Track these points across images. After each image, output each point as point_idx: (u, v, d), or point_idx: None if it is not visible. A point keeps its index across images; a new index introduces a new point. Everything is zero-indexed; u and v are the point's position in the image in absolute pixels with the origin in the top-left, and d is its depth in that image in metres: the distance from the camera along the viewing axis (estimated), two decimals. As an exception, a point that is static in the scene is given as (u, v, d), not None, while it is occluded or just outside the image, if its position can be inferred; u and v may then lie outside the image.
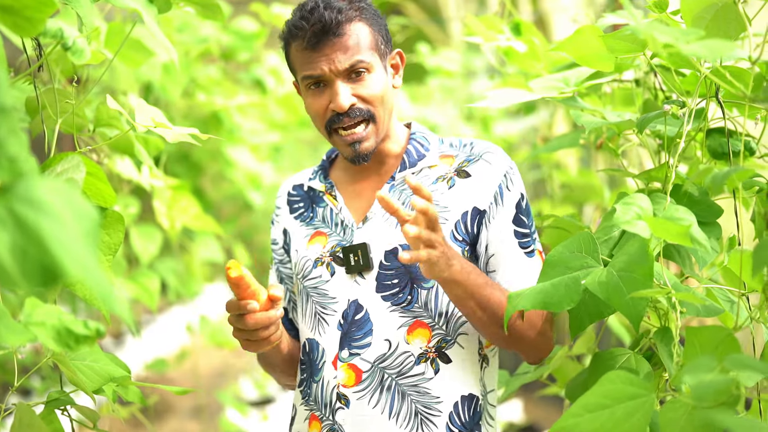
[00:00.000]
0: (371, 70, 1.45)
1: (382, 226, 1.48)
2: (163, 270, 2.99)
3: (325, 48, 1.42)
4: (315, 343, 1.51)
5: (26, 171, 0.72)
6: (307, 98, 1.48)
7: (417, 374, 1.44)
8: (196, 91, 2.99)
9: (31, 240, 0.69)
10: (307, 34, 1.42)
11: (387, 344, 1.45)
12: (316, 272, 1.52)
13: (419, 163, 1.52)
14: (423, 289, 1.45)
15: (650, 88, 1.71)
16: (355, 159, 1.47)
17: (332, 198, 1.55)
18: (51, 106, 1.36)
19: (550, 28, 3.69)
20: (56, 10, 0.96)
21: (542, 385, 2.04)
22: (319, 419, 1.49)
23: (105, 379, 1.31)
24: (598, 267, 1.25)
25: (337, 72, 1.42)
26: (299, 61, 1.46)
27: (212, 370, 5.06)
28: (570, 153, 2.98)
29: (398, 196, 1.50)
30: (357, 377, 1.45)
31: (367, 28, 1.45)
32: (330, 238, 1.53)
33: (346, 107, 1.43)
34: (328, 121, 1.46)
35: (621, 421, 1.05)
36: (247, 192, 3.49)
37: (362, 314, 1.46)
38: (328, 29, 1.41)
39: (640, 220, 1.15)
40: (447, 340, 1.45)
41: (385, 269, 1.46)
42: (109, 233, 1.29)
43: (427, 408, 1.44)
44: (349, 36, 1.42)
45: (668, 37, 1.03)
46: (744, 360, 1.02)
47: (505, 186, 1.47)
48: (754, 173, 1.25)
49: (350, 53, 1.42)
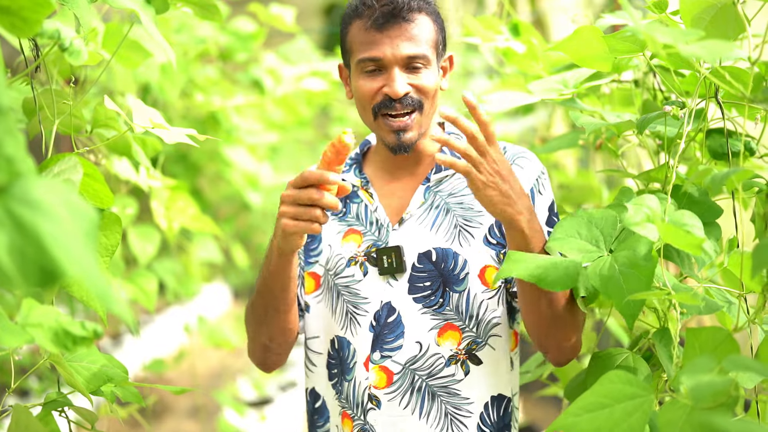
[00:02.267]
0: (428, 66, 1.43)
1: (417, 229, 1.48)
2: (161, 270, 2.99)
3: (392, 31, 1.40)
4: (346, 342, 1.51)
5: (24, 172, 0.72)
6: (359, 80, 1.44)
7: (447, 375, 1.45)
8: (193, 92, 2.99)
9: (29, 241, 0.68)
10: (375, 13, 1.40)
11: (418, 346, 1.45)
12: (349, 271, 1.51)
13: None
14: (455, 293, 1.45)
15: (649, 88, 1.71)
16: (397, 147, 1.46)
17: (368, 195, 1.54)
18: (48, 107, 1.35)
19: (549, 29, 3.69)
20: (53, 11, 0.96)
21: (541, 385, 2.04)
22: (350, 418, 1.49)
23: (102, 381, 1.30)
24: (603, 252, 1.25)
25: (398, 58, 1.40)
26: (359, 42, 1.43)
27: (210, 371, 5.06)
28: (568, 153, 2.98)
29: (433, 198, 1.50)
30: (388, 379, 1.46)
31: (432, 24, 1.44)
32: (365, 237, 1.51)
33: (401, 94, 1.41)
34: (377, 104, 1.43)
35: (620, 420, 1.05)
36: (244, 192, 3.49)
37: (395, 317, 1.46)
38: (398, 12, 1.39)
39: (650, 223, 1.15)
40: (478, 342, 1.45)
41: (418, 272, 1.46)
42: (107, 235, 1.29)
43: (457, 409, 1.45)
44: (416, 24, 1.41)
45: (668, 37, 1.03)
46: (743, 361, 1.02)
47: (538, 190, 1.47)
48: (753, 174, 1.25)
49: (414, 43, 1.41)
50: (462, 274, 1.45)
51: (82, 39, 1.25)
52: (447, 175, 1.51)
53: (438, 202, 1.49)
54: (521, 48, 1.91)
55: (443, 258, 1.45)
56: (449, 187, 1.51)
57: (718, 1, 1.23)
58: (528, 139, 3.39)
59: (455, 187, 1.50)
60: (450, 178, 1.51)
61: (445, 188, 1.51)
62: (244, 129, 3.26)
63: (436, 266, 1.46)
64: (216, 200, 3.79)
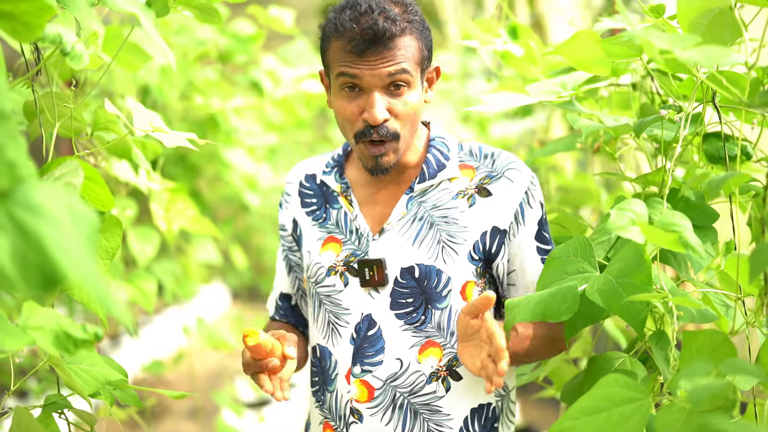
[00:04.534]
0: (411, 86, 1.40)
1: (399, 241, 1.46)
2: (160, 272, 2.99)
3: (372, 56, 1.35)
4: (327, 352, 1.51)
5: (26, 176, 0.72)
6: (338, 99, 1.41)
7: (429, 393, 1.44)
8: (193, 94, 2.99)
9: (31, 245, 0.69)
10: (355, 38, 1.35)
11: (398, 363, 1.44)
12: (330, 281, 1.50)
13: (439, 175, 1.48)
14: (437, 310, 1.44)
15: (647, 92, 1.71)
16: (375, 170, 1.44)
17: (347, 202, 1.52)
18: (49, 110, 1.36)
19: (547, 31, 3.69)
20: (54, 15, 0.96)
21: (539, 387, 2.05)
22: (333, 429, 1.50)
23: (102, 383, 1.31)
24: (594, 273, 1.25)
25: (378, 82, 1.37)
26: (338, 59, 1.39)
27: (208, 372, 5.06)
28: (567, 156, 2.98)
29: (416, 208, 1.48)
30: (369, 394, 1.45)
31: (416, 43, 1.39)
32: (344, 246, 1.50)
33: (380, 120, 1.37)
34: (358, 132, 1.41)
35: (617, 424, 1.05)
36: (243, 194, 3.49)
37: (375, 330, 1.45)
38: (378, 39, 1.34)
39: (634, 226, 1.16)
40: (458, 358, 1.44)
41: (401, 287, 1.45)
42: (107, 237, 1.29)
43: (439, 426, 1.44)
44: (398, 49, 1.36)
45: (664, 43, 1.04)
46: (740, 364, 1.03)
47: (527, 203, 1.46)
48: (750, 177, 1.25)
49: (395, 67, 1.36)
50: (445, 291, 1.44)
51: (83, 43, 1.25)
52: (432, 185, 1.48)
53: (421, 213, 1.47)
54: (519, 51, 1.92)
55: (426, 275, 1.44)
56: (433, 198, 1.48)
57: (715, 5, 1.23)
58: (526, 141, 3.40)
59: (439, 199, 1.47)
60: (434, 189, 1.48)
61: (428, 199, 1.48)
62: (243, 131, 3.26)
63: (419, 283, 1.44)
64: (215, 202, 3.79)
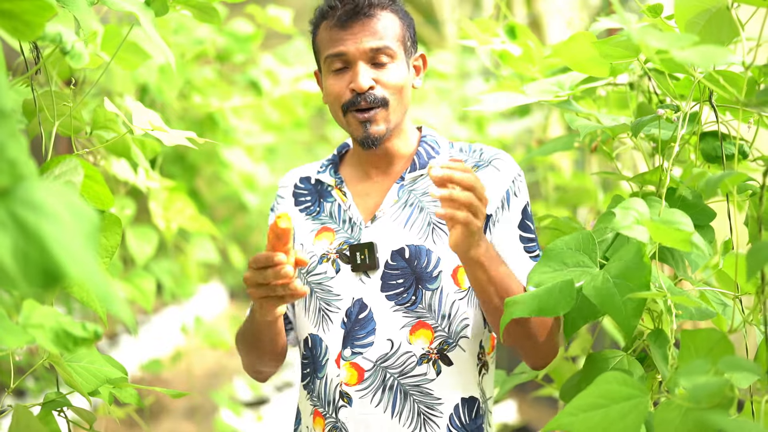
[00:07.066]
0: (394, 59, 1.47)
1: (390, 226, 1.49)
2: (159, 271, 2.99)
3: (354, 27, 1.45)
4: (318, 339, 1.52)
5: (26, 174, 0.72)
6: (328, 80, 1.49)
7: (419, 375, 1.45)
8: (191, 93, 2.99)
9: (32, 243, 0.69)
10: (338, 12, 1.46)
11: (389, 344, 1.46)
12: (321, 268, 1.52)
13: (429, 164, 1.51)
14: (428, 290, 1.46)
15: (644, 91, 1.72)
16: (365, 140, 1.47)
17: (341, 194, 1.56)
18: (48, 109, 1.36)
19: (545, 30, 3.70)
20: (54, 14, 0.97)
21: (537, 385, 2.05)
22: (322, 416, 1.50)
23: (101, 381, 1.31)
24: (594, 268, 1.26)
25: (362, 52, 1.45)
26: (326, 41, 1.48)
27: (207, 371, 5.06)
28: (564, 155, 2.99)
29: (407, 196, 1.51)
30: (359, 376, 1.46)
31: (397, 21, 1.49)
32: (337, 234, 1.53)
33: (365, 87, 1.44)
34: (346, 102, 1.47)
35: (615, 421, 1.06)
36: (242, 193, 3.49)
37: (366, 313, 1.47)
38: (359, 9, 1.45)
39: (639, 225, 1.16)
40: (449, 343, 1.46)
41: (391, 269, 1.47)
42: (107, 236, 1.30)
43: (430, 408, 1.45)
44: (379, 20, 1.46)
45: (661, 43, 1.04)
46: (738, 362, 1.03)
47: (513, 192, 1.48)
48: (747, 177, 1.26)
49: (377, 36, 1.45)
50: (435, 271, 1.45)
51: (83, 41, 1.26)
52: (422, 174, 1.53)
53: (412, 200, 1.51)
54: (517, 51, 1.92)
55: (416, 255, 1.46)
56: (423, 185, 1.52)
57: (712, 5, 1.23)
58: (524, 140, 3.41)
59: (429, 186, 1.51)
60: (424, 177, 1.52)
61: (419, 187, 1.52)
62: (242, 130, 3.26)
63: (409, 263, 1.46)
64: (213, 201, 3.79)
